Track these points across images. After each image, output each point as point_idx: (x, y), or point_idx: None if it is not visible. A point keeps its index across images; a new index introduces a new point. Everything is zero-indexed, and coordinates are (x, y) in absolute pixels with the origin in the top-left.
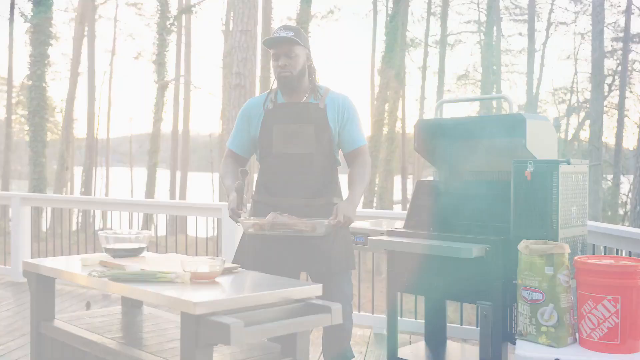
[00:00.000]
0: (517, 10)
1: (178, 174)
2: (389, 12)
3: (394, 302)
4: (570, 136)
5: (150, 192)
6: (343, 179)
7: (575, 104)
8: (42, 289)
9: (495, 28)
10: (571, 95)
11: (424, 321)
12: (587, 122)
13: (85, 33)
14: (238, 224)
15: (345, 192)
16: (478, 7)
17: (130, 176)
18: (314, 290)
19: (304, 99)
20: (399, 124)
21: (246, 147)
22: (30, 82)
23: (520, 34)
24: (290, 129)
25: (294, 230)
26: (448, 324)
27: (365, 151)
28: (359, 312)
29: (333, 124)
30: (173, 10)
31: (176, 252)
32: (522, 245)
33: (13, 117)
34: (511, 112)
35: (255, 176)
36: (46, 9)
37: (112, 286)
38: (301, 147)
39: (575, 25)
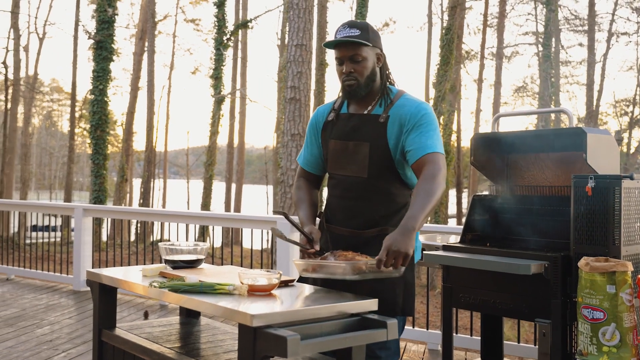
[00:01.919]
0: (577, 21)
1: (233, 186)
2: (444, 24)
3: (449, 318)
4: (632, 150)
5: (206, 203)
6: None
7: (638, 117)
8: (104, 298)
9: (554, 39)
10: (633, 107)
11: (479, 338)
12: None
13: (146, 49)
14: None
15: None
16: (536, 18)
17: (187, 188)
18: (370, 304)
19: (369, 108)
20: (454, 137)
21: (315, 163)
22: (92, 97)
23: (580, 44)
24: (343, 147)
25: (334, 274)
26: (505, 342)
27: (432, 160)
28: (413, 327)
29: (394, 141)
30: (230, 25)
31: (231, 264)
32: (583, 262)
33: (76, 130)
34: (571, 125)
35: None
36: (109, 26)
37: (172, 296)
38: (353, 170)
39: (638, 36)
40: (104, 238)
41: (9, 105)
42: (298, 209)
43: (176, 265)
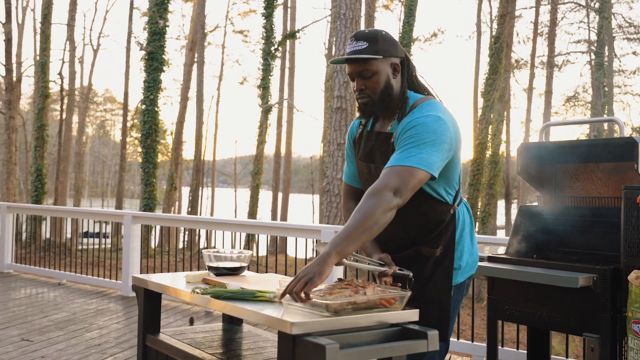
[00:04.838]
0: (632, 28)
1: (280, 195)
2: (493, 33)
3: (495, 331)
4: None
5: (252, 212)
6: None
7: None
8: (149, 303)
9: (607, 47)
10: None
11: (526, 352)
12: None
13: (195, 59)
14: None
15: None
16: (588, 26)
17: (234, 196)
18: (411, 315)
19: (391, 124)
20: (503, 146)
21: (358, 178)
22: (143, 107)
23: (634, 53)
24: (367, 169)
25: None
26: (552, 356)
27: (386, 174)
28: (457, 339)
29: None
30: (278, 36)
31: (276, 272)
32: (633, 275)
33: (127, 139)
34: (622, 135)
35: None
36: (160, 38)
37: (214, 303)
38: None
39: None
40: (153, 245)
41: (64, 115)
42: None
43: (219, 272)
